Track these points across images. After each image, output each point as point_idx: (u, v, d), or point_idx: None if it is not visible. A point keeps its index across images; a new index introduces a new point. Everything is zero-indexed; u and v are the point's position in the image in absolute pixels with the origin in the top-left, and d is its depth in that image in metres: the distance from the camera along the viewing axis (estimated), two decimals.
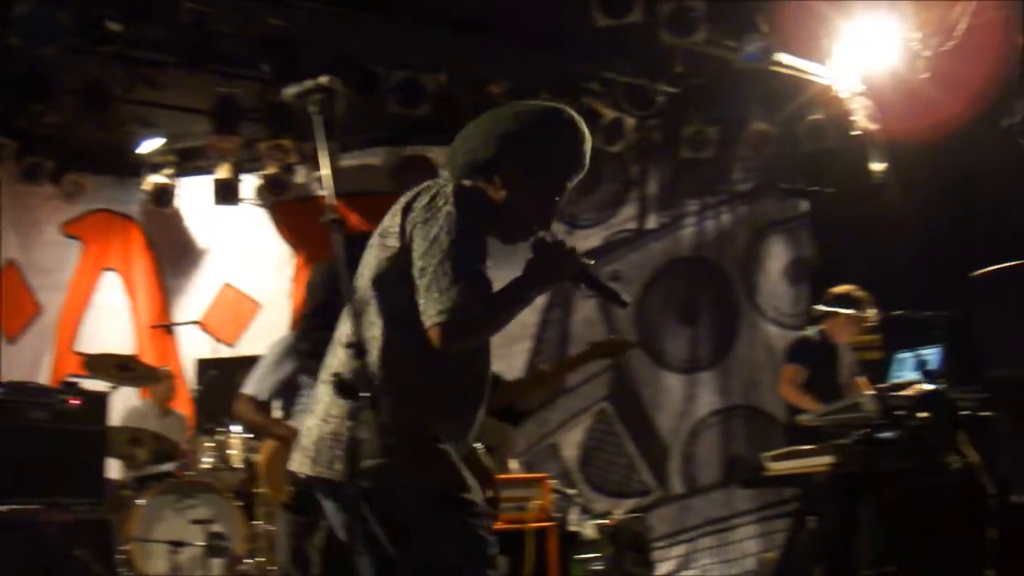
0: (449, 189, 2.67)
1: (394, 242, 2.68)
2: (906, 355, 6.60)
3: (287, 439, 4.59)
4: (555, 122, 2.83)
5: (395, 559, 2.64)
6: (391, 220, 2.73)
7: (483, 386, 2.85)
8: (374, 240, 2.77)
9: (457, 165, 2.84)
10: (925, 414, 4.72)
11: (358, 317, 2.57)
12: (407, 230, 2.66)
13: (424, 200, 2.67)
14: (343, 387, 2.49)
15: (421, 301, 2.58)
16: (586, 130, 2.86)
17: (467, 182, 2.77)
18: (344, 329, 2.74)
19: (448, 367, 2.68)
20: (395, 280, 2.66)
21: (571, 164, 2.85)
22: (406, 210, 2.69)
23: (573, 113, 2.85)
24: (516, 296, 2.74)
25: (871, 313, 6.67)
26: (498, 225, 2.79)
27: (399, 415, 2.62)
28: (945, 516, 4.69)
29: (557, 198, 2.85)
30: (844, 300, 6.63)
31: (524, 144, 2.78)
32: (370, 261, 2.75)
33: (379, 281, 2.70)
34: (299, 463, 2.77)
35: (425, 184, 2.75)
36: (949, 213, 7.40)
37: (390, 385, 2.63)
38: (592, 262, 2.81)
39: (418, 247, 2.62)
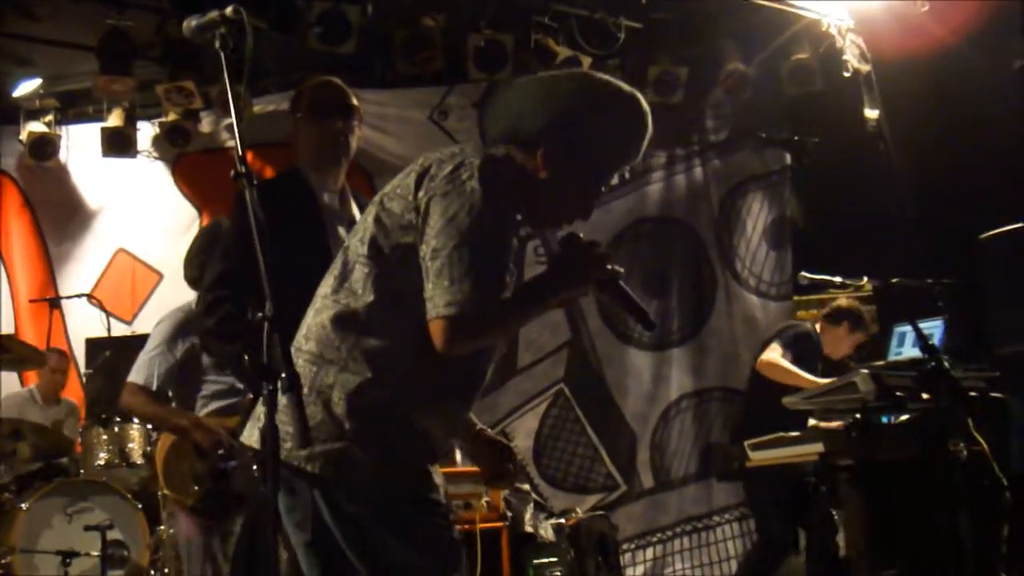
0: (477, 162, 2.62)
1: (400, 209, 2.65)
2: (905, 329, 6.64)
3: (188, 430, 4.52)
4: (626, 111, 2.78)
5: (351, 557, 2.64)
6: (402, 182, 2.69)
7: (480, 380, 2.83)
8: (375, 201, 2.74)
9: (496, 127, 2.79)
10: (928, 395, 4.73)
11: (272, 287, 2.43)
12: (422, 200, 2.61)
13: (447, 169, 2.63)
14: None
15: (428, 286, 2.55)
16: (651, 125, 2.80)
17: (500, 150, 2.72)
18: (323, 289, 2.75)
19: (443, 358, 2.62)
20: (399, 253, 2.64)
21: (625, 157, 2.82)
22: (423, 176, 2.65)
23: (646, 105, 2.79)
24: (535, 298, 2.73)
25: (870, 330, 6.59)
26: (528, 206, 2.74)
27: (366, 399, 2.60)
28: (952, 511, 4.71)
29: (601, 189, 2.82)
30: (847, 316, 6.51)
31: (583, 126, 2.72)
32: (368, 224, 2.71)
33: (376, 249, 2.67)
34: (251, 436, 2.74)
35: (449, 150, 2.70)
36: (952, 166, 7.42)
37: (359, 365, 2.62)
38: (622, 270, 2.77)
39: (433, 223, 2.57)
